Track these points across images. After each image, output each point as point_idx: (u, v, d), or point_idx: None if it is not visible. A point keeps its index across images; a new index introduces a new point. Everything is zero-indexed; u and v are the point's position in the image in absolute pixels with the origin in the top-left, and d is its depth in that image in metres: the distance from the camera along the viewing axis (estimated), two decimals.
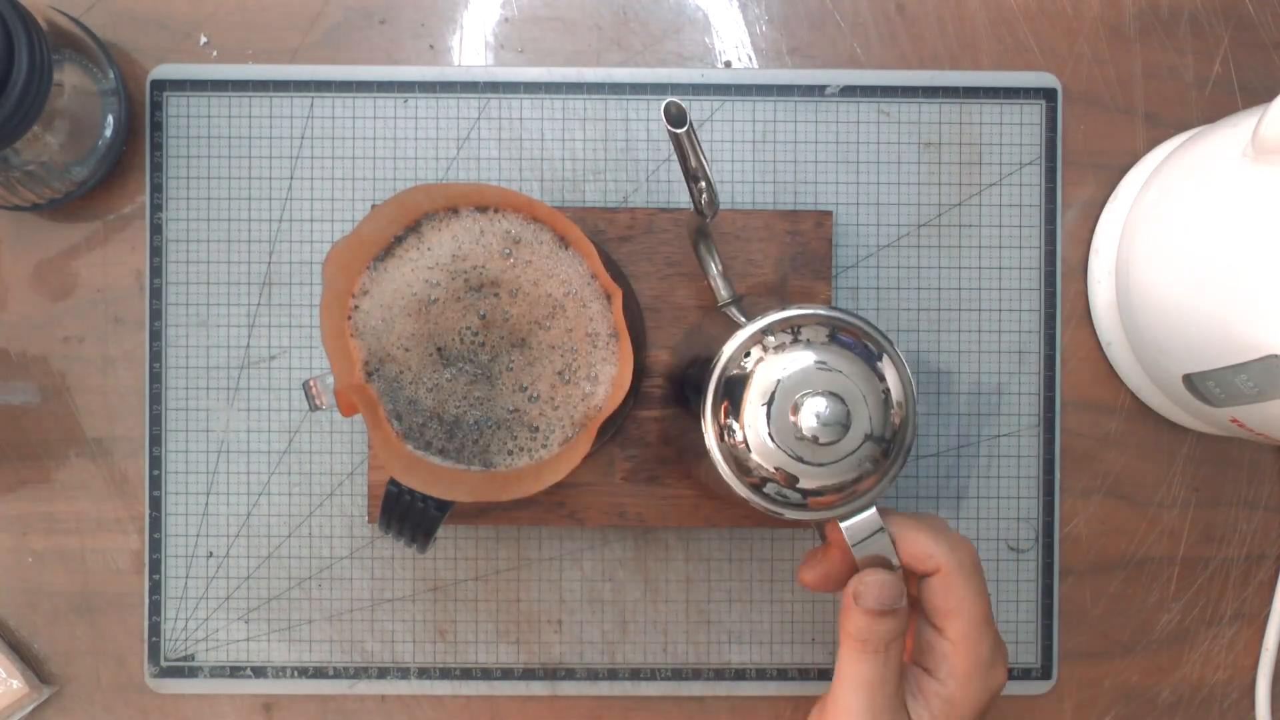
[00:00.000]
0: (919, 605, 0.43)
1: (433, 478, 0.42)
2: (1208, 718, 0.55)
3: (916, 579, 0.43)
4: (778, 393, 0.40)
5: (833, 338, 0.40)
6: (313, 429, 0.54)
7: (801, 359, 0.40)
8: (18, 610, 0.54)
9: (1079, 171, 0.55)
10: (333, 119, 0.54)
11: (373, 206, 0.45)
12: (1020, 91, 0.54)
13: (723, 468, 0.41)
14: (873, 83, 0.54)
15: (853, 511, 0.41)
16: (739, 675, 0.54)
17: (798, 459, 0.40)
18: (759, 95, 0.54)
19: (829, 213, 0.52)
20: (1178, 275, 0.47)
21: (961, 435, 0.54)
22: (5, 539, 0.54)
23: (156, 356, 0.54)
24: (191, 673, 0.54)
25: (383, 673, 0.54)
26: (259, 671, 0.54)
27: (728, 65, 0.55)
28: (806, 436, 0.39)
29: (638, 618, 0.54)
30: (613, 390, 0.43)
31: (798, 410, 0.39)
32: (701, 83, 0.54)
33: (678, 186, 0.54)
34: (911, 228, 0.54)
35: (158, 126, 0.54)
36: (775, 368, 0.40)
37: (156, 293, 0.54)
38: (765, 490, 0.40)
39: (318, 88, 0.54)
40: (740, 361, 0.41)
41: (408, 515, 0.42)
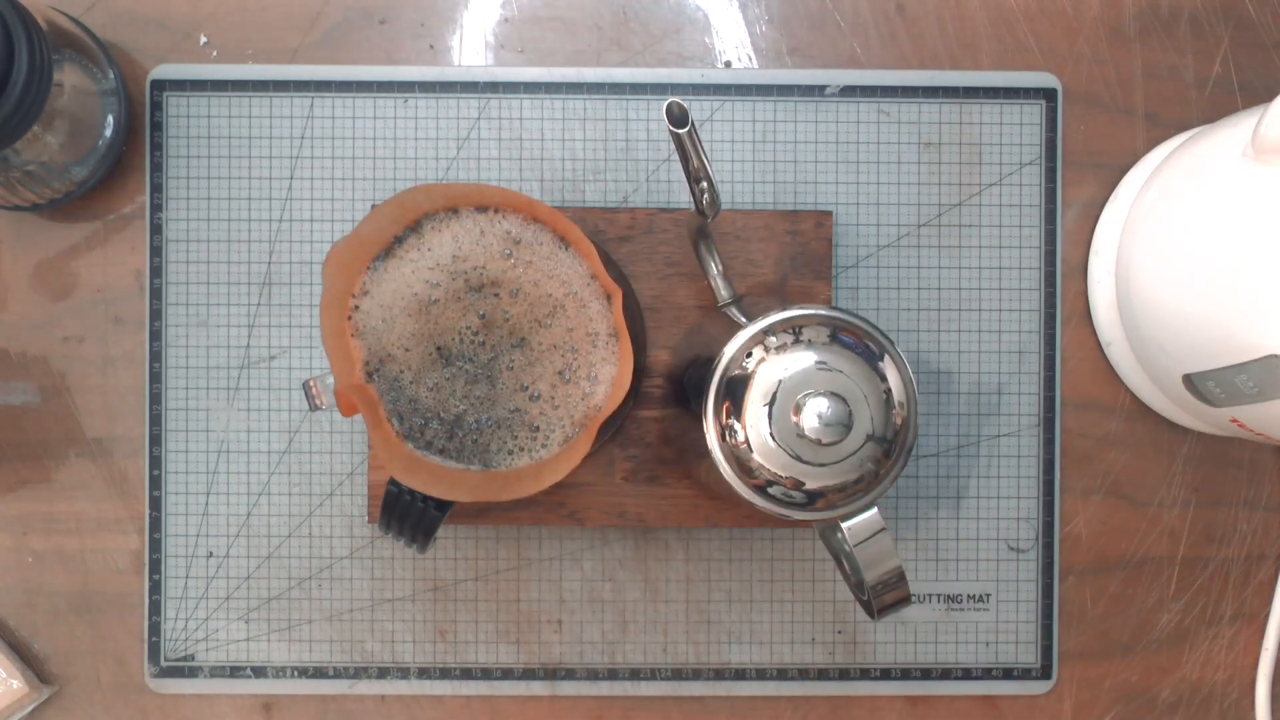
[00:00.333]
0: None
1: (433, 478, 0.42)
2: (1208, 718, 0.55)
3: None
4: (779, 393, 0.40)
5: (834, 338, 0.40)
6: (313, 429, 0.54)
7: (803, 359, 0.40)
8: (18, 610, 0.54)
9: (1079, 171, 0.55)
10: (333, 119, 0.54)
11: (373, 206, 0.45)
12: (1020, 91, 0.54)
13: (724, 468, 0.41)
14: (873, 83, 0.54)
15: (854, 512, 0.41)
16: (739, 675, 0.54)
17: (799, 459, 0.40)
18: (759, 95, 0.54)
19: (829, 213, 0.52)
20: (1178, 275, 0.47)
21: (961, 435, 0.54)
22: (5, 539, 0.54)
23: (156, 356, 0.54)
24: (191, 673, 0.54)
25: (383, 673, 0.54)
26: (259, 671, 0.54)
27: (728, 65, 0.55)
28: (808, 437, 0.39)
29: (638, 618, 0.54)
30: (613, 390, 0.43)
31: (799, 411, 0.39)
32: (701, 83, 0.54)
33: (678, 186, 0.54)
34: (911, 228, 0.54)
35: (158, 126, 0.54)
36: (777, 368, 0.40)
37: (156, 293, 0.54)
38: (766, 491, 0.40)
39: (318, 88, 0.54)
40: (742, 362, 0.41)
41: (408, 515, 0.42)
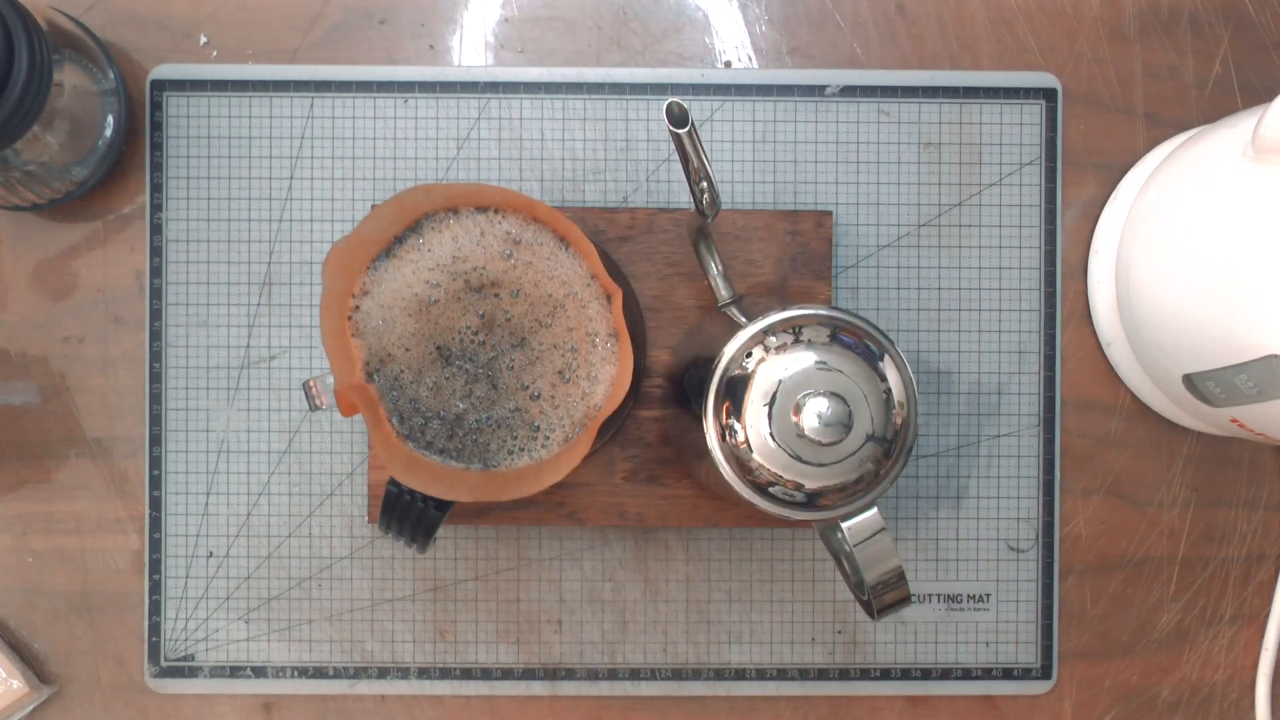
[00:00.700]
0: None
1: (433, 478, 0.42)
2: (1208, 718, 0.55)
3: None
4: (779, 393, 0.40)
5: (834, 338, 0.40)
6: (313, 429, 0.54)
7: (803, 359, 0.40)
8: (18, 610, 0.54)
9: (1079, 171, 0.55)
10: (333, 119, 0.54)
11: (373, 206, 0.45)
12: (1020, 91, 0.54)
13: (724, 468, 0.41)
14: (873, 83, 0.54)
15: (854, 512, 0.41)
16: (739, 675, 0.54)
17: (799, 459, 0.40)
18: (759, 95, 0.54)
19: (829, 213, 0.52)
20: (1178, 275, 0.47)
21: (961, 435, 0.54)
22: (5, 539, 0.54)
23: (156, 356, 0.54)
24: (191, 673, 0.54)
25: (383, 673, 0.54)
26: (259, 671, 0.54)
27: (728, 65, 0.55)
28: (808, 437, 0.39)
29: (638, 618, 0.54)
30: (613, 390, 0.43)
31: (799, 410, 0.39)
32: (701, 83, 0.54)
33: (678, 186, 0.54)
34: (911, 228, 0.54)
35: (158, 126, 0.54)
36: (777, 368, 0.40)
37: (156, 293, 0.54)
38: (766, 491, 0.40)
39: (318, 88, 0.54)
40: (742, 362, 0.41)
41: (408, 515, 0.42)
